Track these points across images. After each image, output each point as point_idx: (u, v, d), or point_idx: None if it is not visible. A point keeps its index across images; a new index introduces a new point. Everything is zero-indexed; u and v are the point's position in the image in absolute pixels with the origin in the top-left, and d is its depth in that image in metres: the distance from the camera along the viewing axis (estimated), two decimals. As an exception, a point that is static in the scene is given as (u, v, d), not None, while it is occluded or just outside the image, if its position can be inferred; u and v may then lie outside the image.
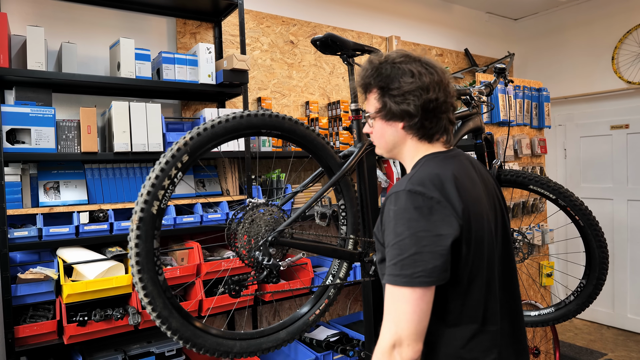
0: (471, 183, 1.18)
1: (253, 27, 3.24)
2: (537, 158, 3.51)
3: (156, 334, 2.47)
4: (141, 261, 1.19)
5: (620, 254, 4.41)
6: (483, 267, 1.14)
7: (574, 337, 4.36)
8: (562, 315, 2.03)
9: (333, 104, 3.45)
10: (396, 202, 1.10)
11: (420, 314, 1.03)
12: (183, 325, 1.26)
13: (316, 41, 1.59)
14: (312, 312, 1.61)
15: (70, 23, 2.57)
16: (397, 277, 1.05)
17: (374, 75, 1.23)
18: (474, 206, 1.13)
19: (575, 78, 4.72)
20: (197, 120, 2.74)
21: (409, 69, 1.19)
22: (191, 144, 1.25)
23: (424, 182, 1.10)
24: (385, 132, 1.26)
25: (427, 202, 1.07)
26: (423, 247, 1.04)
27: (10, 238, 2.02)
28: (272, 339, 1.48)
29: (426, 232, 1.04)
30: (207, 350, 1.30)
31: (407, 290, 1.03)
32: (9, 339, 1.94)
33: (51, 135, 2.16)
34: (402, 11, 4.15)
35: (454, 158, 1.22)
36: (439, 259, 1.04)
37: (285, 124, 1.44)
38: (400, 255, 1.05)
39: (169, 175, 1.22)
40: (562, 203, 1.96)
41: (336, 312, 3.56)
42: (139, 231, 1.18)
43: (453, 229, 1.06)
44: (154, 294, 1.20)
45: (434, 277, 1.03)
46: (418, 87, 1.17)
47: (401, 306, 1.04)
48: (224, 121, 1.31)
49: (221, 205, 2.62)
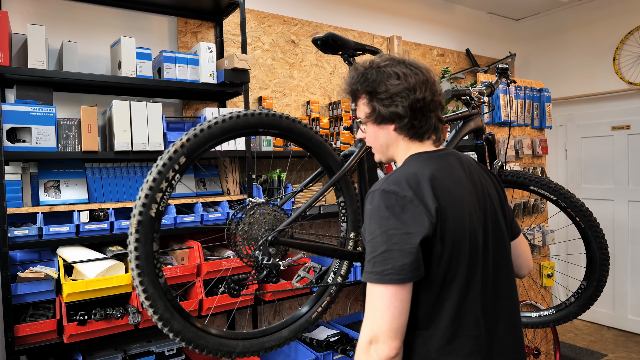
0: (453, 183, 1.17)
1: (254, 27, 3.24)
2: (538, 159, 3.50)
3: (156, 333, 2.47)
4: (141, 264, 1.18)
5: (621, 255, 4.40)
6: (462, 269, 1.13)
7: (575, 337, 4.35)
8: (563, 317, 2.02)
9: (334, 104, 3.45)
10: (372, 201, 1.13)
11: (394, 311, 1.04)
12: (185, 327, 1.25)
13: (317, 40, 1.58)
14: (314, 309, 1.60)
15: (71, 22, 2.57)
16: (370, 274, 1.07)
17: (361, 81, 1.25)
18: (454, 205, 1.13)
19: (577, 79, 4.71)
20: (198, 120, 2.74)
21: (394, 71, 1.21)
22: (188, 146, 1.25)
23: (399, 181, 1.12)
24: (378, 136, 1.28)
25: (400, 201, 1.09)
26: (393, 245, 1.06)
27: (10, 237, 2.02)
28: (274, 338, 1.47)
29: (396, 230, 1.06)
30: (209, 351, 1.29)
31: (380, 288, 1.05)
32: (8, 338, 1.94)
33: (52, 134, 2.16)
34: (404, 11, 4.14)
35: (439, 157, 1.22)
36: (408, 256, 1.05)
37: (282, 122, 1.43)
38: (373, 253, 1.08)
39: (166, 178, 1.21)
40: (563, 204, 1.95)
41: (336, 312, 3.56)
42: (138, 234, 1.18)
43: (423, 227, 1.07)
44: (155, 297, 1.20)
45: (402, 274, 1.04)
46: (405, 89, 1.19)
47: (376, 303, 1.06)
48: (220, 121, 1.30)
49: (222, 205, 2.61)
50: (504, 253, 1.26)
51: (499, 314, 1.21)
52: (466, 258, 1.14)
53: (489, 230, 1.22)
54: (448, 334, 1.12)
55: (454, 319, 1.12)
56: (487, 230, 1.22)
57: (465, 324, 1.13)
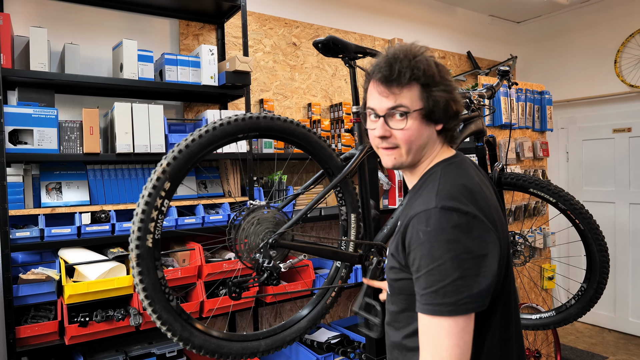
0: (488, 190, 1.10)
1: (256, 29, 3.25)
2: (539, 161, 3.50)
3: (157, 335, 2.47)
4: (150, 294, 1.19)
5: (622, 258, 4.40)
6: (507, 283, 1.06)
7: (576, 340, 4.35)
8: (563, 319, 2.02)
9: (335, 106, 3.46)
10: (427, 223, 0.98)
11: (463, 348, 0.93)
12: (206, 340, 1.27)
13: (318, 44, 1.59)
14: (328, 295, 1.61)
15: (73, 24, 2.58)
16: (440, 307, 0.94)
17: (412, 68, 1.06)
18: (497, 215, 1.05)
19: (578, 81, 4.71)
20: (199, 122, 2.74)
21: (444, 66, 1.09)
22: (169, 171, 1.21)
23: (454, 195, 0.99)
24: (422, 134, 1.10)
25: (463, 219, 0.96)
26: (466, 271, 0.94)
27: (12, 238, 2.02)
28: (294, 330, 1.50)
29: (468, 254, 0.94)
30: (235, 356, 1.33)
31: (449, 321, 0.94)
32: (10, 340, 1.94)
33: (53, 136, 2.17)
34: (405, 13, 4.15)
35: (464, 163, 1.13)
36: (484, 282, 0.94)
37: (260, 123, 1.37)
38: (442, 282, 0.94)
39: (155, 207, 1.19)
40: (562, 206, 1.95)
41: (337, 314, 3.56)
42: (140, 267, 1.18)
43: (495, 245, 0.97)
44: (170, 321, 1.22)
45: (479, 302, 0.94)
46: (455, 88, 1.09)
47: (443, 340, 0.94)
48: (197, 138, 1.25)
49: (223, 207, 2.62)
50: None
51: (518, 322, 1.18)
52: (510, 272, 1.07)
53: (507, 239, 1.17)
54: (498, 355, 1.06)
55: (499, 339, 1.06)
56: (507, 240, 1.17)
57: (507, 342, 1.08)
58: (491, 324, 1.06)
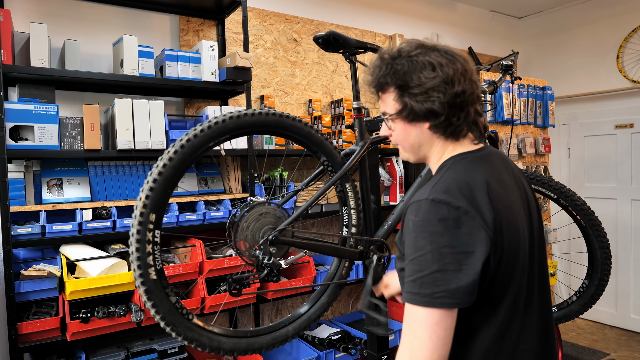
0: (503, 188, 1.05)
1: (256, 25, 3.24)
2: (541, 157, 3.50)
3: (158, 331, 2.48)
4: (169, 321, 1.22)
5: (624, 254, 4.39)
6: (516, 282, 1.02)
7: (577, 337, 4.35)
8: (565, 316, 2.02)
9: (336, 102, 3.45)
10: (417, 213, 0.98)
11: (436, 341, 0.92)
12: (235, 342, 1.35)
13: (318, 39, 1.58)
14: (339, 272, 1.68)
15: (73, 20, 2.58)
16: (416, 296, 0.95)
17: (390, 73, 1.08)
18: (507, 215, 1.01)
19: (580, 77, 4.70)
20: (200, 118, 2.74)
21: (428, 61, 1.05)
22: (150, 203, 1.19)
23: (449, 189, 0.98)
24: (409, 134, 1.12)
25: (453, 213, 0.95)
26: (446, 265, 0.93)
27: (13, 235, 2.02)
28: (317, 307, 1.60)
29: (450, 249, 0.93)
30: (266, 347, 1.40)
31: (424, 312, 0.93)
32: (12, 336, 1.95)
33: (54, 132, 2.16)
34: (406, 9, 4.14)
35: (484, 159, 1.09)
36: (464, 279, 0.92)
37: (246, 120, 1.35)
38: (420, 272, 0.95)
39: (147, 241, 1.19)
40: (564, 203, 1.95)
41: (338, 310, 3.57)
42: (152, 301, 1.20)
43: (482, 244, 0.94)
44: (194, 337, 1.26)
45: (457, 299, 0.92)
46: (442, 81, 1.04)
47: (417, 330, 0.94)
48: (169, 165, 1.22)
49: (224, 203, 2.62)
50: (546, 263, 1.15)
51: (546, 323, 1.12)
52: (520, 269, 1.03)
53: (535, 239, 1.11)
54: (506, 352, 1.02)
55: (511, 336, 1.02)
56: (534, 240, 1.10)
57: (521, 339, 1.03)
58: (490, 324, 1.03)
